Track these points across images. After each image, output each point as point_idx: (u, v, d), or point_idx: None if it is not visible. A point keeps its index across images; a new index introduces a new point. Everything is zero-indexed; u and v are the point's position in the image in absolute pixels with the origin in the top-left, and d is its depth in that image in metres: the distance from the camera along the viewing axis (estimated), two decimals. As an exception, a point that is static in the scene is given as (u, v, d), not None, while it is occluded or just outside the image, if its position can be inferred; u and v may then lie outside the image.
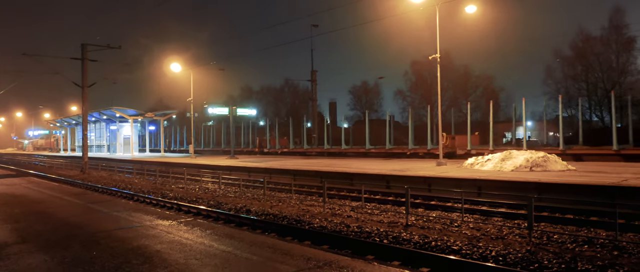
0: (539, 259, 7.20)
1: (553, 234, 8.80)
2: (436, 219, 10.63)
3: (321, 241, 9.02)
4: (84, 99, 29.23)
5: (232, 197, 15.50)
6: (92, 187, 20.36)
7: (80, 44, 28.68)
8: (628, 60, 42.49)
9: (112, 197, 16.15)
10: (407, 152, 29.72)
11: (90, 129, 53.03)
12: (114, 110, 46.19)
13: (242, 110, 39.20)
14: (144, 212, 10.96)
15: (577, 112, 33.03)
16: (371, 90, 68.14)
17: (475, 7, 21.23)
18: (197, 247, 7.07)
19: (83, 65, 28.51)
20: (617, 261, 7.04)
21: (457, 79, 57.06)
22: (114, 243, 7.41)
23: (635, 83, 41.52)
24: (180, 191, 17.87)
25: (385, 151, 31.75)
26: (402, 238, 8.75)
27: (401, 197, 13.91)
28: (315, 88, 48.67)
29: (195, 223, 9.35)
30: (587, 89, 43.26)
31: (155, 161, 33.55)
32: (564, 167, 16.58)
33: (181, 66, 35.65)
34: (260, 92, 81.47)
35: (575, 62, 44.95)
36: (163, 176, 23.69)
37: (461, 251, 7.84)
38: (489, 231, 9.27)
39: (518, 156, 17.51)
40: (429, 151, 28.44)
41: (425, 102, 57.22)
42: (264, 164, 24.99)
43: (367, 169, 18.95)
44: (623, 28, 42.16)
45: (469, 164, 19.23)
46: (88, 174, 27.86)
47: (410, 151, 29.80)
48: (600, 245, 7.99)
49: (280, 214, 11.73)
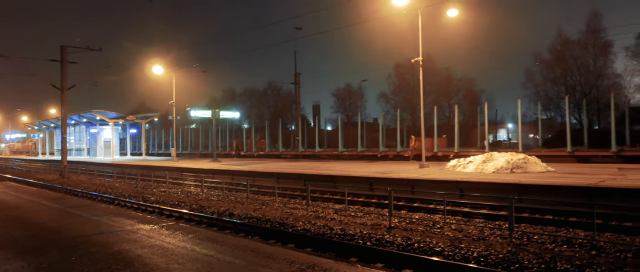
0: (519, 259, 7.30)
1: (533, 235, 8.94)
2: (419, 221, 10.70)
3: (305, 243, 9.01)
4: (63, 101, 28.72)
5: (215, 201, 15.38)
6: (71, 191, 19.99)
7: (60, 45, 28.21)
8: (605, 63, 43.51)
9: (92, 201, 15.88)
10: (378, 155, 30.66)
11: (69, 132, 52.09)
12: (94, 113, 45.43)
13: (225, 113, 38.91)
14: (124, 216, 10.80)
15: (556, 114, 33.61)
16: (355, 93, 68.47)
17: (456, 11, 21.48)
18: (178, 251, 7.00)
19: (62, 67, 28.03)
20: (595, 260, 7.18)
21: (440, 82, 57.64)
22: (94, 248, 7.28)
23: (612, 86, 42.48)
24: (162, 194, 17.67)
25: (357, 153, 32.72)
26: (386, 240, 8.79)
27: (384, 199, 13.98)
28: (298, 91, 48.68)
29: (177, 227, 9.26)
30: (566, 91, 44.06)
31: (137, 164, 33.12)
32: (543, 169, 16.84)
33: (163, 68, 35.28)
34: (243, 95, 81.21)
35: (554, 65, 45.82)
36: (144, 179, 23.39)
37: (444, 252, 7.90)
38: (470, 232, 9.37)
39: (499, 157, 17.73)
40: (399, 153, 29.49)
41: (408, 105, 57.76)
42: (247, 167, 24.87)
43: (351, 172, 19.00)
44: (600, 32, 43.17)
45: (451, 166, 19.41)
46: (67, 178, 27.36)
47: (381, 153, 30.83)
48: (578, 245, 8.14)
49: (263, 217, 11.68)
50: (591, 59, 43.72)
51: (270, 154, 40.65)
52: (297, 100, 49.26)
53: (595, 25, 43.57)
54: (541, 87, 47.12)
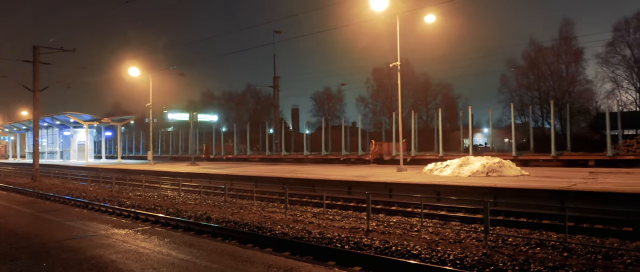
0: (494, 261, 7.43)
1: (508, 237, 9.10)
2: (397, 224, 10.78)
3: (283, 247, 8.98)
4: (35, 103, 28.03)
5: (192, 205, 15.21)
6: (43, 195, 19.49)
7: (32, 46, 27.55)
8: (577, 70, 44.72)
9: (65, 205, 15.51)
10: (341, 158, 31.98)
11: (42, 134, 50.84)
12: (67, 115, 44.42)
13: (203, 116, 38.59)
14: (99, 221, 10.59)
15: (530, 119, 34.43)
16: (334, 97, 68.74)
17: (434, 17, 21.77)
18: (154, 256, 6.89)
19: (35, 68, 27.37)
20: (566, 262, 7.35)
21: (418, 86, 58.37)
22: (66, 254, 7.11)
23: (583, 92, 43.70)
24: (138, 198, 17.38)
25: (321, 157, 33.91)
26: (363, 243, 8.83)
27: (362, 203, 14.04)
28: (277, 94, 48.53)
29: (153, 231, 9.12)
30: (540, 97, 45.13)
31: (112, 167, 32.51)
32: (518, 173, 17.18)
33: (140, 70, 34.77)
34: (222, 98, 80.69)
35: (528, 72, 46.86)
36: (120, 183, 22.97)
37: (421, 255, 7.98)
38: (447, 235, 9.48)
39: (475, 161, 18.03)
40: (360, 156, 31.01)
41: (387, 109, 58.25)
42: (225, 170, 24.67)
43: (329, 176, 19.03)
44: (572, 40, 44.36)
45: (428, 169, 19.64)
46: (39, 181, 26.67)
47: (344, 156, 32.22)
48: (551, 247, 8.32)
49: (241, 221, 11.59)
50: (564, 66, 44.90)
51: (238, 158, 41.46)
52: (276, 103, 49.13)
53: (568, 33, 44.80)
54: (516, 93, 48.15)
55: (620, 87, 43.58)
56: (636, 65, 41.81)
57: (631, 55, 41.96)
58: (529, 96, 47.04)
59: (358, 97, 62.14)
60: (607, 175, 16.11)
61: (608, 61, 43.42)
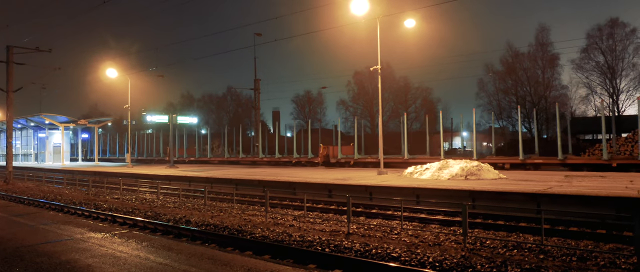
0: (472, 264, 7.52)
1: (486, 240, 9.23)
2: (377, 227, 10.83)
3: (263, 250, 8.92)
4: (9, 104, 27.34)
5: (171, 208, 15.01)
6: (16, 198, 18.99)
7: (6, 45, 26.89)
8: (553, 75, 45.71)
9: (40, 209, 15.14)
10: (293, 161, 33.82)
11: (16, 136, 49.57)
12: (42, 116, 43.44)
13: (183, 119, 38.13)
14: (74, 224, 10.37)
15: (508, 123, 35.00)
16: (314, 100, 68.77)
17: (414, 22, 22.00)
18: (131, 260, 6.78)
19: (8, 68, 26.72)
20: (543, 264, 7.49)
21: (398, 90, 58.82)
22: (40, 258, 6.95)
23: (559, 97, 44.62)
24: (116, 201, 17.08)
25: (275, 160, 35.46)
26: (344, 246, 8.84)
27: (343, 206, 14.08)
28: (258, 97, 48.25)
29: (131, 235, 8.97)
30: (517, 101, 45.96)
31: (89, 170, 31.88)
32: (496, 176, 17.45)
33: (118, 72, 34.25)
34: (201, 100, 79.93)
35: (506, 77, 47.69)
36: (97, 186, 22.54)
37: (400, 258, 8.03)
38: (426, 238, 9.56)
39: (454, 165, 18.24)
40: (309, 159, 32.94)
41: (367, 112, 58.56)
42: (204, 173, 24.44)
43: (310, 179, 19.02)
44: (548, 46, 45.35)
45: (408, 173, 19.79)
46: (13, 184, 25.98)
47: (295, 159, 34.08)
48: (528, 249, 8.47)
49: (221, 225, 11.49)
50: (540, 71, 45.85)
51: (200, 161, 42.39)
52: (257, 106, 48.88)
53: (544, 39, 45.78)
54: (494, 97, 48.95)
55: (594, 93, 44.68)
56: (609, 72, 42.93)
57: (604, 62, 43.08)
58: (507, 101, 47.89)
59: (339, 100, 62.36)
60: (582, 178, 16.49)
61: (582, 67, 44.50)
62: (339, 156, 31.34)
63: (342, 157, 31.08)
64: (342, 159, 30.77)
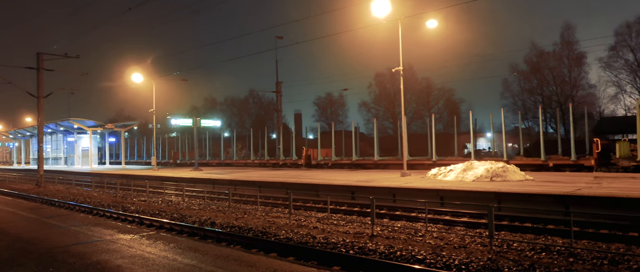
0: (499, 266, 7.41)
1: (513, 242, 9.08)
2: (401, 229, 10.77)
3: (287, 252, 8.98)
4: (39, 109, 28.16)
5: (196, 210, 15.23)
6: (48, 201, 19.54)
7: (36, 52, 27.70)
8: (579, 74, 44.67)
9: (70, 211, 15.55)
10: (279, 162, 36.40)
11: (46, 141, 51.00)
12: (71, 121, 44.58)
13: (207, 122, 38.58)
14: (103, 226, 10.62)
15: (533, 124, 34.38)
16: (336, 102, 68.84)
17: (436, 22, 21.79)
18: (160, 261, 6.91)
19: (38, 74, 27.53)
20: (572, 267, 7.33)
21: (420, 91, 58.38)
22: (72, 259, 7.14)
23: (586, 97, 43.62)
24: (142, 204, 17.41)
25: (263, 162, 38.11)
26: (368, 249, 8.82)
27: (366, 207, 14.04)
28: (280, 99, 48.58)
29: (158, 237, 9.14)
30: (543, 101, 45.09)
31: (116, 173, 32.58)
32: (522, 177, 17.13)
33: (143, 76, 34.92)
34: (224, 103, 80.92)
35: (531, 76, 46.83)
36: (124, 188, 23.02)
37: (425, 260, 7.97)
38: (452, 240, 9.46)
39: (479, 166, 17.97)
40: (294, 161, 35.28)
41: (389, 114, 58.27)
42: (228, 175, 24.70)
43: (333, 180, 19.03)
44: (574, 44, 44.37)
45: (432, 174, 19.60)
46: (44, 187, 26.75)
47: (281, 161, 36.50)
48: (556, 252, 8.30)
49: (245, 226, 11.60)
50: (566, 70, 44.87)
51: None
52: (279, 108, 49.19)
53: (569, 37, 44.81)
54: (518, 97, 48.14)
55: (623, 91, 43.51)
56: (639, 70, 41.73)
57: (634, 59, 41.90)
58: (532, 101, 47.03)
59: (360, 102, 62.22)
60: (612, 180, 16.06)
61: (611, 65, 43.40)
62: (319, 158, 34.05)
63: (321, 159, 33.68)
64: (321, 160, 33.41)
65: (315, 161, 33.48)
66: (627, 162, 20.77)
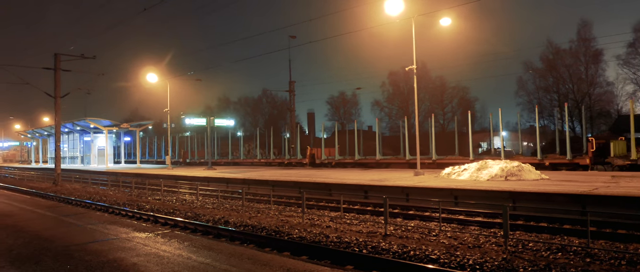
0: (514, 267, 7.33)
1: (528, 242, 8.98)
2: (414, 229, 10.72)
3: (300, 251, 9.00)
4: (56, 109, 28.60)
5: (210, 209, 15.34)
6: (65, 199, 19.85)
7: (54, 53, 28.12)
8: (596, 72, 43.94)
9: (86, 209, 15.78)
10: (285, 162, 37.04)
11: (63, 140, 51.76)
12: (87, 121, 45.22)
13: (220, 121, 38.84)
14: (119, 224, 10.76)
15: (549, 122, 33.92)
16: (349, 101, 68.78)
17: (449, 20, 21.63)
18: (175, 259, 6.98)
19: (56, 75, 27.94)
20: (589, 267, 7.23)
21: (434, 89, 58.03)
22: (89, 256, 7.25)
23: (603, 94, 42.92)
24: (157, 202, 17.59)
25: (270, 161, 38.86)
26: (381, 248, 8.80)
27: (379, 207, 14.00)
28: (293, 98, 48.66)
29: (173, 235, 9.23)
30: (559, 100, 44.47)
31: (131, 172, 32.96)
32: (537, 177, 16.93)
33: (158, 77, 35.27)
34: (238, 103, 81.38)
35: (546, 74, 46.21)
36: (139, 187, 23.28)
37: (439, 260, 7.92)
38: (466, 240, 9.39)
39: (493, 165, 17.81)
40: (299, 160, 36.19)
41: (403, 112, 58.03)
42: (241, 175, 24.83)
43: (345, 180, 19.02)
44: (591, 41, 43.64)
45: (445, 173, 19.48)
46: (61, 186, 27.18)
47: (287, 160, 37.29)
48: (573, 252, 8.19)
49: (259, 225, 11.66)
50: (583, 67, 44.17)
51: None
52: (292, 108, 49.28)
53: (586, 34, 44.08)
54: (534, 96, 47.54)
55: (642, 89, 42.70)
56: (658, 67, 40.92)
57: (653, 56, 41.11)
58: (548, 99, 46.41)
59: (373, 101, 62.08)
60: (630, 179, 15.79)
61: (629, 62, 42.62)
62: (322, 157, 34.46)
63: (325, 159, 34.17)
64: (325, 160, 33.91)
65: (319, 160, 33.98)
66: (622, 160, 20.59)
